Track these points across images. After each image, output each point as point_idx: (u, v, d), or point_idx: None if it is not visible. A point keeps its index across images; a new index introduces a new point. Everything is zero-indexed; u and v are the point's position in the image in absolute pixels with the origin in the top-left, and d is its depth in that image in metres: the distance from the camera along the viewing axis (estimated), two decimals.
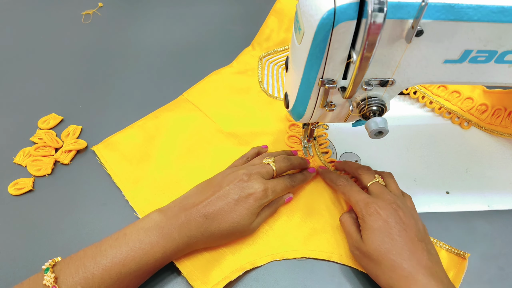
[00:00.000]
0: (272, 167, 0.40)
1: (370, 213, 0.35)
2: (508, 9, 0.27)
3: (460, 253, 0.38)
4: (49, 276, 0.30)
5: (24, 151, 0.47)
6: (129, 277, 0.32)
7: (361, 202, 0.36)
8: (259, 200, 0.37)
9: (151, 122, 0.51)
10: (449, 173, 0.47)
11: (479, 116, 0.51)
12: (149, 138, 0.49)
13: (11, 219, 0.41)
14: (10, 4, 0.71)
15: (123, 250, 0.32)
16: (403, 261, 0.32)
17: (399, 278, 0.31)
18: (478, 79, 0.32)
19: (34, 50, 0.62)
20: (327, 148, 0.48)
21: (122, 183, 0.44)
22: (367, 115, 0.33)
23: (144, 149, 0.48)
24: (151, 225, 0.34)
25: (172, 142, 0.49)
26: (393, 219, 0.34)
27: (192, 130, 0.50)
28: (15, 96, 0.55)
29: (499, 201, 0.44)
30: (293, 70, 0.33)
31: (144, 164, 0.46)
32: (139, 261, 0.33)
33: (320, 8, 0.26)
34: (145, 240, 0.33)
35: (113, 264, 0.32)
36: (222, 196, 0.36)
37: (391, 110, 0.53)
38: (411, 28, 0.27)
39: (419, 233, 0.34)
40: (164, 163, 0.46)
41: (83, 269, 0.31)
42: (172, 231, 0.34)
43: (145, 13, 0.70)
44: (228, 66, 0.60)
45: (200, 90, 0.56)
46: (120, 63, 0.60)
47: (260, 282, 0.37)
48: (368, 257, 0.34)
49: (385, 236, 0.33)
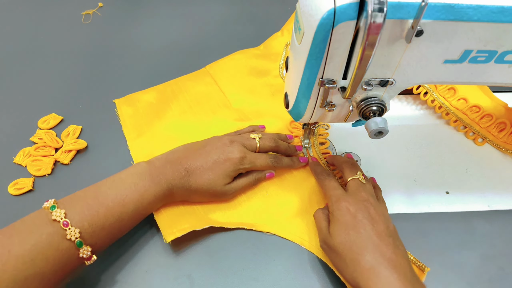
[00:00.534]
0: (256, 142, 0.43)
1: (339, 207, 0.36)
2: (508, 9, 0.27)
3: (421, 265, 0.37)
4: (58, 212, 0.32)
5: (24, 151, 0.47)
6: (128, 216, 0.35)
7: (333, 197, 0.37)
8: (234, 165, 0.40)
9: (170, 87, 0.56)
10: (449, 173, 0.47)
11: (496, 134, 0.49)
12: (164, 100, 0.54)
13: (11, 219, 0.41)
14: (10, 4, 0.71)
15: (122, 192, 0.35)
16: (366, 253, 0.32)
17: (362, 271, 0.31)
18: (478, 79, 0.32)
19: (34, 50, 0.62)
20: (327, 149, 0.48)
21: (129, 134, 0.49)
22: (367, 115, 0.33)
23: (156, 109, 0.52)
24: (142, 171, 0.37)
25: (183, 108, 0.53)
26: (362, 214, 0.34)
27: (203, 100, 0.54)
28: (15, 96, 0.55)
29: (499, 201, 0.44)
30: (293, 70, 0.33)
31: (152, 122, 0.51)
32: (136, 202, 0.35)
33: (320, 8, 0.26)
34: (139, 183, 0.36)
35: (115, 204, 0.34)
36: (204, 155, 0.40)
37: (391, 110, 0.53)
38: (411, 28, 0.27)
39: (388, 230, 0.34)
40: (169, 124, 0.51)
41: (88, 208, 0.33)
42: (160, 178, 0.37)
43: (145, 13, 0.70)
44: (255, 48, 0.62)
45: (222, 65, 0.59)
46: (120, 63, 0.60)
47: (260, 282, 0.37)
48: (334, 251, 0.34)
49: (351, 229, 0.34)
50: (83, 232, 0.32)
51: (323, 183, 0.40)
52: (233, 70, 0.58)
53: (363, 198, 0.36)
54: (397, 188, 0.45)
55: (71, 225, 0.31)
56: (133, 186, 0.36)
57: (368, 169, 0.47)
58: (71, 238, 0.31)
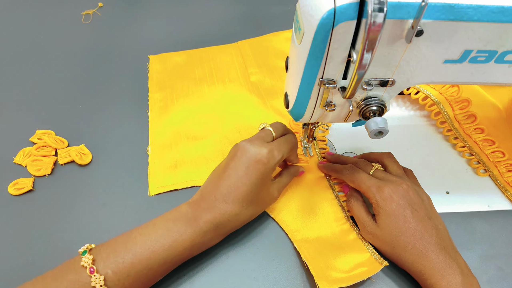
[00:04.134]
0: (271, 130, 0.39)
1: (384, 197, 0.36)
2: (508, 9, 0.27)
3: (379, 259, 0.38)
4: (87, 258, 0.31)
5: (24, 151, 0.47)
6: (158, 264, 0.33)
7: (373, 188, 0.37)
8: (268, 164, 0.36)
9: (200, 54, 0.60)
10: (449, 173, 0.47)
11: (503, 172, 0.46)
12: (191, 64, 0.59)
13: (11, 219, 0.41)
14: (10, 4, 0.71)
15: (152, 237, 0.33)
16: (415, 241, 0.35)
17: (411, 257, 0.35)
18: (478, 79, 0.32)
19: (34, 50, 0.62)
20: (327, 149, 0.48)
21: (152, 87, 0.55)
22: (367, 115, 0.33)
23: (181, 71, 0.58)
24: (178, 216, 0.35)
25: (204, 74, 0.57)
26: (405, 201, 0.36)
27: (224, 69, 0.58)
28: (15, 96, 0.55)
29: (499, 201, 0.44)
30: (293, 70, 0.33)
31: (175, 82, 0.56)
32: (168, 248, 0.33)
33: (320, 8, 0.26)
34: (173, 228, 0.34)
35: (143, 250, 0.32)
36: (232, 174, 0.36)
37: (391, 110, 0.53)
38: (411, 28, 0.27)
39: (427, 211, 0.37)
40: (187, 89, 0.55)
41: (114, 254, 0.32)
42: (197, 220, 0.35)
43: (145, 13, 0.70)
44: (288, 31, 0.64)
45: (253, 44, 0.62)
46: (120, 63, 0.60)
47: (260, 282, 0.37)
48: (382, 240, 0.36)
49: (399, 220, 0.35)
50: (107, 280, 0.31)
51: (352, 177, 0.40)
52: (262, 49, 0.61)
53: (398, 182, 0.37)
54: None
55: (96, 272, 0.31)
56: (166, 232, 0.34)
57: None
58: (95, 286, 0.30)
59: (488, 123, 0.50)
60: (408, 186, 0.37)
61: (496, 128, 0.49)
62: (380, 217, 0.36)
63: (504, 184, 0.45)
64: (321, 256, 0.38)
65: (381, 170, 0.41)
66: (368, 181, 0.38)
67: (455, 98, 0.51)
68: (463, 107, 0.50)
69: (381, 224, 0.36)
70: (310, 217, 0.41)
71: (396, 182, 0.37)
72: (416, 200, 0.37)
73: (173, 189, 0.44)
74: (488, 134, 0.48)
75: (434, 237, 0.35)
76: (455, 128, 0.50)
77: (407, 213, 0.35)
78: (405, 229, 0.35)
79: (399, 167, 0.41)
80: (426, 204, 0.37)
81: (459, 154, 0.49)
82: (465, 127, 0.50)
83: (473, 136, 0.49)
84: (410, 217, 0.35)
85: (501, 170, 0.46)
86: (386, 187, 0.37)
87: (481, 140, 0.48)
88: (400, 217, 0.35)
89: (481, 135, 0.49)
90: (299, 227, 0.41)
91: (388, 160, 0.42)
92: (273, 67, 0.58)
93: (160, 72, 0.57)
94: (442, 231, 0.36)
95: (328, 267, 0.37)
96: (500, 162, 0.46)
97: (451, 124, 0.50)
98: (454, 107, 0.51)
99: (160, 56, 0.60)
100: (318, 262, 0.37)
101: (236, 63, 0.59)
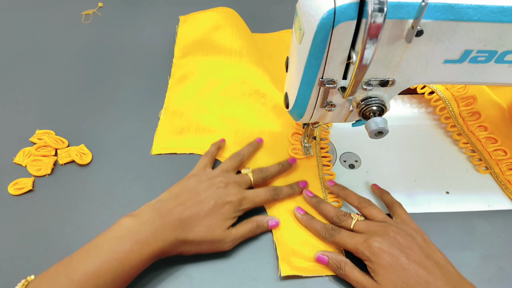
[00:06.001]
0: (250, 177, 0.42)
1: (374, 252, 0.34)
2: (508, 9, 0.27)
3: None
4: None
5: (24, 151, 0.47)
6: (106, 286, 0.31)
7: (360, 245, 0.35)
8: (235, 207, 0.38)
9: (223, 14, 0.62)
10: (449, 173, 0.47)
11: (505, 170, 0.46)
12: (214, 25, 0.61)
13: (11, 219, 0.41)
14: (10, 4, 0.71)
15: (96, 262, 0.31)
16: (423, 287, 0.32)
17: None
18: (478, 79, 0.32)
19: (34, 50, 0.62)
20: (327, 150, 0.48)
21: (177, 53, 0.60)
22: (367, 115, 0.33)
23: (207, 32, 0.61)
24: (123, 232, 0.33)
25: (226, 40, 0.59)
26: (396, 249, 0.34)
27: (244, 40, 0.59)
28: (15, 96, 0.55)
29: (499, 201, 0.44)
30: (293, 70, 0.33)
31: (198, 44, 0.60)
32: (115, 271, 0.31)
33: (320, 8, 0.26)
34: (118, 249, 0.32)
35: (88, 278, 0.30)
36: (199, 202, 0.37)
37: (391, 110, 0.53)
38: (411, 28, 0.27)
39: (422, 249, 0.35)
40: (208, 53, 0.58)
41: (56, 286, 0.30)
42: (146, 235, 0.33)
43: (145, 13, 0.70)
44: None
45: (267, 38, 0.65)
46: (120, 63, 0.60)
47: (260, 282, 0.37)
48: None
49: (398, 270, 0.33)
50: None
51: (333, 239, 0.38)
52: (274, 41, 0.64)
53: (382, 231, 0.35)
54: (397, 188, 0.45)
55: None
56: (110, 254, 0.32)
57: (368, 169, 0.47)
58: None
59: (491, 121, 0.50)
60: (394, 231, 0.35)
61: (499, 127, 0.50)
62: (377, 273, 0.34)
63: (505, 182, 0.45)
64: (291, 241, 0.39)
65: (362, 221, 0.38)
66: (352, 239, 0.36)
67: (461, 94, 0.51)
68: (469, 103, 0.51)
69: (381, 280, 0.33)
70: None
71: (380, 232, 0.35)
72: (408, 244, 0.34)
73: (173, 152, 0.48)
74: (491, 132, 0.49)
75: (439, 278, 0.33)
76: (459, 125, 0.50)
77: (403, 260, 0.33)
78: (407, 277, 0.33)
79: (379, 211, 0.39)
80: (419, 241, 0.35)
81: (459, 154, 0.49)
82: (469, 124, 0.50)
83: (476, 133, 0.49)
84: (407, 264, 0.33)
85: (502, 168, 0.46)
86: (373, 241, 0.34)
87: (484, 137, 0.48)
88: (397, 266, 0.33)
89: (485, 132, 0.49)
90: (281, 215, 0.41)
91: (367, 209, 0.39)
92: (281, 59, 0.59)
93: (186, 34, 0.62)
94: (445, 266, 0.34)
95: (294, 253, 0.38)
96: (502, 160, 0.47)
97: (456, 120, 0.50)
98: (460, 103, 0.51)
99: (188, 16, 0.64)
100: (286, 246, 0.39)
101: (252, 43, 0.61)
